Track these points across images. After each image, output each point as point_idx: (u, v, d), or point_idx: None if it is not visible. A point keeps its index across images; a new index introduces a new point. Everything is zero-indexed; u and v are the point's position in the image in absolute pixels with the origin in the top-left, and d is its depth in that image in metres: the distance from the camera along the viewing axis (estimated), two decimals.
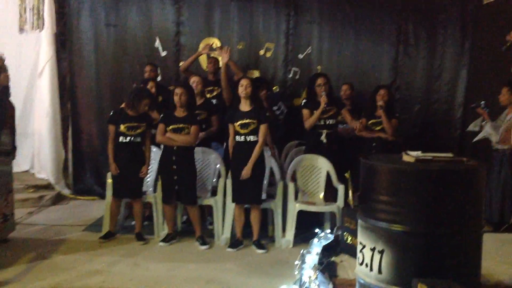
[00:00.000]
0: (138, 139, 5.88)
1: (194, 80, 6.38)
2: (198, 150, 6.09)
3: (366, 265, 3.09)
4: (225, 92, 6.54)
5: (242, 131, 5.65)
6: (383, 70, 7.84)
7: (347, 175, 3.28)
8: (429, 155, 3.10)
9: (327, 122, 6.28)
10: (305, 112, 6.32)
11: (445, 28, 7.75)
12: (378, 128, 6.41)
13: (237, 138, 5.70)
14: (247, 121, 5.64)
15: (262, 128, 5.64)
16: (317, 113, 6.19)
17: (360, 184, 3.26)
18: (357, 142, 6.59)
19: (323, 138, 6.26)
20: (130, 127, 5.83)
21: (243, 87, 5.64)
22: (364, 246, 3.13)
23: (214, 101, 6.89)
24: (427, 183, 2.96)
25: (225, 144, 6.44)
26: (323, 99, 6.15)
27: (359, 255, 3.21)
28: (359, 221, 3.23)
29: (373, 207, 3.09)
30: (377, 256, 3.03)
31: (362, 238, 3.17)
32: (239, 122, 5.65)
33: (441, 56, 7.80)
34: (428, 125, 7.89)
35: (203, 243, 5.76)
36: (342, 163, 6.20)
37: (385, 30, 7.78)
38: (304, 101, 6.50)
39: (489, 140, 6.36)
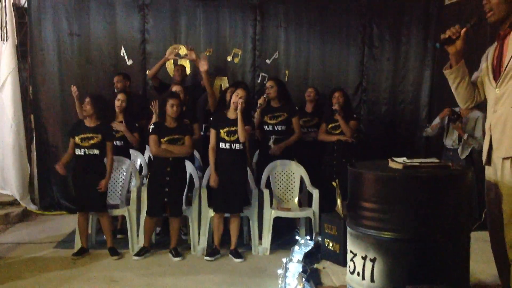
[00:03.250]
0: (95, 151, 5.64)
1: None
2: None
3: (358, 273, 3.09)
4: (211, 98, 6.47)
5: (228, 139, 5.61)
6: (349, 73, 7.90)
7: (334, 183, 3.26)
8: (416, 161, 3.12)
9: (276, 128, 6.32)
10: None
11: (409, 29, 7.87)
12: (337, 131, 6.42)
13: (222, 145, 5.65)
14: (234, 128, 5.60)
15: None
16: (256, 117, 6.28)
17: (348, 192, 3.25)
18: (319, 146, 6.61)
19: (271, 143, 6.29)
20: (84, 138, 5.64)
21: (238, 97, 5.58)
22: (355, 255, 3.12)
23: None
24: (417, 190, 2.96)
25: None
26: (259, 102, 6.20)
27: (349, 263, 3.20)
28: (349, 230, 3.22)
29: (362, 215, 3.08)
30: (369, 264, 3.03)
31: (353, 247, 3.16)
32: (226, 129, 5.61)
33: (405, 57, 7.92)
34: (395, 125, 8.00)
35: (177, 255, 5.68)
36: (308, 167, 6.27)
37: (351, 32, 7.84)
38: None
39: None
